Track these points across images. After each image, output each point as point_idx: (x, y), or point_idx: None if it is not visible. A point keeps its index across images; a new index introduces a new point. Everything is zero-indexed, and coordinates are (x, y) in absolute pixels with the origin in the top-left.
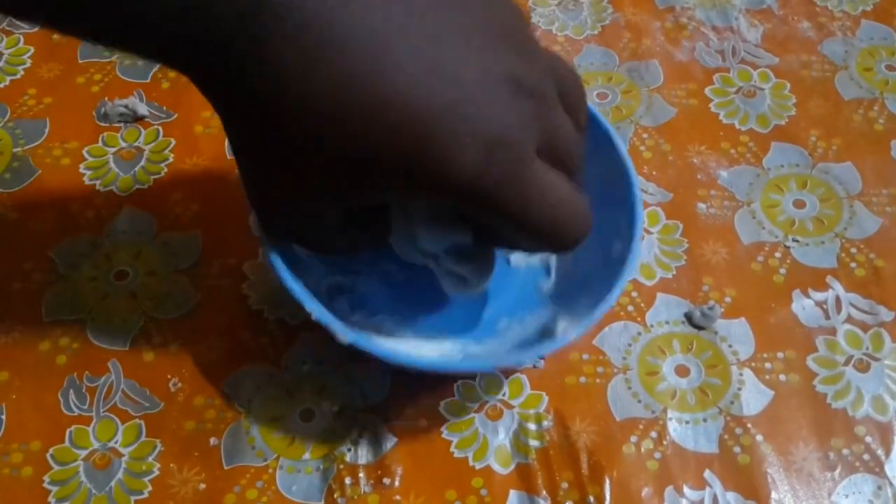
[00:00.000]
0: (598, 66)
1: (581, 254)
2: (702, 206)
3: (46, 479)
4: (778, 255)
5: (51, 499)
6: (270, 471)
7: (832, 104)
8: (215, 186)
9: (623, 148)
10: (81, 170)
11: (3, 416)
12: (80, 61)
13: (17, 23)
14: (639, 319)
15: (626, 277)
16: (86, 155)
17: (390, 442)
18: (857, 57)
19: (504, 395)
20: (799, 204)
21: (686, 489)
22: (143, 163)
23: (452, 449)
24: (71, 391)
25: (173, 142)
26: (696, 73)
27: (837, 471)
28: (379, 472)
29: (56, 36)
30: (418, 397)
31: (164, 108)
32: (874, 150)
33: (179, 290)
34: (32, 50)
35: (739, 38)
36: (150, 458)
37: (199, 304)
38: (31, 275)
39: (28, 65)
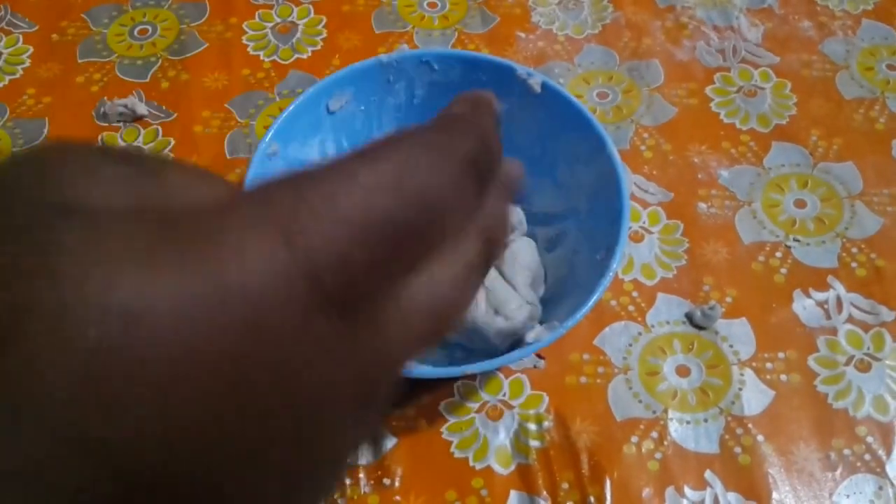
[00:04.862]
0: (598, 65)
1: (573, 258)
2: (702, 205)
3: None
4: (779, 254)
5: None
6: None
7: (833, 104)
8: None
9: (617, 157)
10: None
11: None
12: (80, 61)
13: (17, 21)
14: (639, 319)
15: (605, 284)
16: None
17: (390, 442)
18: (858, 56)
19: (504, 395)
20: (800, 203)
21: (687, 489)
22: None
23: (453, 449)
24: None
25: (172, 141)
26: (697, 72)
27: (838, 471)
28: (379, 472)
29: (55, 35)
30: (418, 397)
31: (164, 107)
32: (875, 150)
33: None
34: (31, 49)
35: (740, 37)
36: None
37: None
38: None
39: (27, 64)
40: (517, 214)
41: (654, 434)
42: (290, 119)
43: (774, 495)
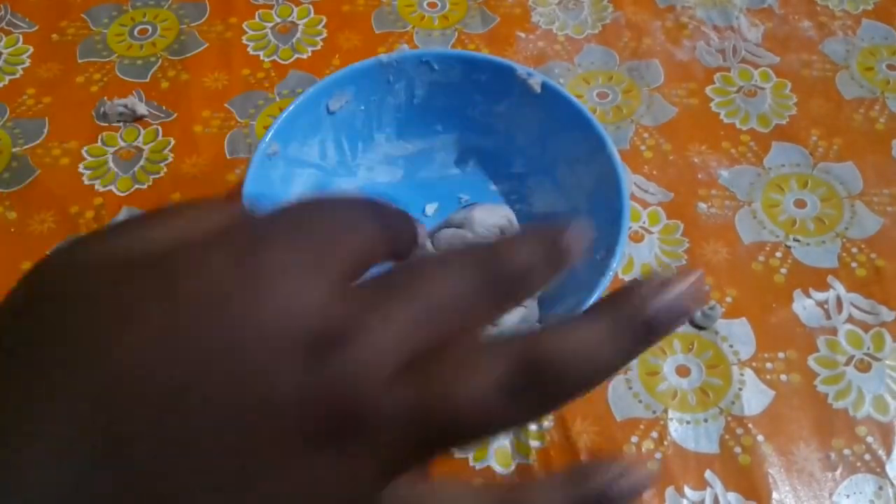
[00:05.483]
0: (598, 65)
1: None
2: (702, 205)
3: None
4: (779, 254)
5: None
6: None
7: (833, 104)
8: (215, 186)
9: (617, 157)
10: (80, 169)
11: None
12: (80, 61)
13: (17, 21)
14: None
15: (605, 283)
16: (85, 154)
17: None
18: (858, 56)
19: None
20: (800, 204)
21: (687, 489)
22: (142, 162)
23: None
24: None
25: (172, 141)
26: (697, 72)
27: (839, 471)
28: None
29: (55, 35)
30: None
31: (164, 107)
32: (875, 150)
33: None
34: (31, 49)
35: (740, 37)
36: None
37: None
38: None
39: (27, 64)
40: (508, 215)
41: (654, 434)
42: (290, 119)
43: (774, 495)
